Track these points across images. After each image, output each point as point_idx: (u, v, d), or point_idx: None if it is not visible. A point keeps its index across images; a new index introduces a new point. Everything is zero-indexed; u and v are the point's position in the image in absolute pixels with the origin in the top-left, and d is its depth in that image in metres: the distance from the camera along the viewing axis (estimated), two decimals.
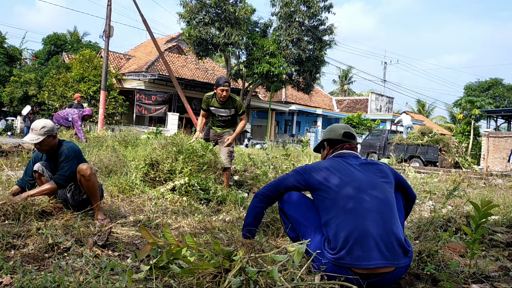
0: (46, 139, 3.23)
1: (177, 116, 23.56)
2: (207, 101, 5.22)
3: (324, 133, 2.63)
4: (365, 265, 1.99)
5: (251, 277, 1.72)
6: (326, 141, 2.57)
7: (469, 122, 27.32)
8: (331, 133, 2.56)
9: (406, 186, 2.47)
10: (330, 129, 2.60)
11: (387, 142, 19.07)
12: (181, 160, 4.38)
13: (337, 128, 2.56)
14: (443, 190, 6.51)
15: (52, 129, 3.26)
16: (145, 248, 2.00)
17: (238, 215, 3.80)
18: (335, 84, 50.27)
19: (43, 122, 3.24)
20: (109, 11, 17.88)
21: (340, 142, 2.50)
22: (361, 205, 2.11)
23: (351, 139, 2.52)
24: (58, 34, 35.62)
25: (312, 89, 24.53)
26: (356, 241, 2.01)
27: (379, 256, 1.99)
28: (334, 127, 2.59)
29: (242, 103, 5.27)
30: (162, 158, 4.47)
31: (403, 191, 2.45)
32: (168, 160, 4.44)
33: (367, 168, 2.30)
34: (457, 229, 3.57)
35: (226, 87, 4.98)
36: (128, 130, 10.14)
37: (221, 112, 5.21)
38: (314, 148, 2.79)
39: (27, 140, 3.20)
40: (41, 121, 3.25)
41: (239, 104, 5.20)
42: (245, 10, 20.46)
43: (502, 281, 2.37)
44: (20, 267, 2.06)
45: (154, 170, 4.49)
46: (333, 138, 2.53)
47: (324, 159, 2.56)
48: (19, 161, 6.25)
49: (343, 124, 2.74)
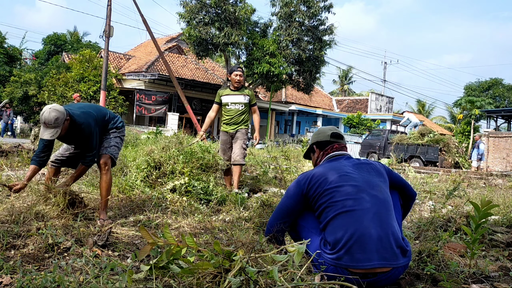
0: (63, 126, 3.09)
1: (177, 116, 23.56)
2: (219, 93, 5.31)
3: (312, 137, 2.64)
4: (362, 266, 1.99)
5: (251, 277, 1.72)
6: (315, 144, 2.57)
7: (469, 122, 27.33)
8: (319, 135, 2.57)
9: (404, 184, 2.45)
10: (318, 132, 2.62)
11: (387, 142, 19.07)
12: (181, 161, 4.39)
13: (324, 130, 2.58)
14: (443, 190, 6.50)
15: (64, 114, 3.06)
16: (145, 248, 2.00)
17: (238, 215, 3.80)
18: (335, 84, 50.31)
19: (53, 113, 3.00)
20: (109, 11, 17.88)
21: (329, 143, 2.51)
22: (359, 206, 2.10)
23: (340, 139, 2.54)
24: (58, 34, 35.63)
25: (312, 89, 24.53)
26: (353, 242, 2.01)
27: (376, 256, 1.99)
28: (321, 129, 2.61)
29: (254, 94, 5.32)
30: (165, 159, 4.48)
31: (400, 189, 2.44)
32: (170, 161, 4.45)
33: (361, 168, 2.30)
34: (457, 229, 3.56)
35: (239, 71, 5.15)
36: (128, 130, 10.14)
37: (234, 99, 5.17)
38: (304, 154, 2.76)
39: (48, 138, 3.02)
40: (51, 113, 3.00)
41: (252, 94, 5.26)
42: (245, 10, 20.46)
43: (502, 281, 2.37)
44: (20, 267, 2.06)
45: (156, 171, 4.50)
46: (321, 140, 2.54)
47: (315, 163, 2.56)
48: (19, 161, 6.25)
49: (328, 126, 2.75)
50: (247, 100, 5.20)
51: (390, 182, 2.35)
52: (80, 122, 3.18)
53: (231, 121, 5.21)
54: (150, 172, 4.49)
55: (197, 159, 4.53)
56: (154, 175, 4.46)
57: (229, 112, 5.21)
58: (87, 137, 3.23)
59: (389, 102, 38.79)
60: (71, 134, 3.23)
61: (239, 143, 5.08)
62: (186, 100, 16.50)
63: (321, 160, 2.50)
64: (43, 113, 2.99)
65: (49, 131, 3.03)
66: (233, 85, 5.18)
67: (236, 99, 5.18)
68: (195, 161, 4.50)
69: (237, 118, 5.19)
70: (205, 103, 27.96)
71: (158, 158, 4.52)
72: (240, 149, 5.04)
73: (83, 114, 3.24)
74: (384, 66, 45.92)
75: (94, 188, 4.34)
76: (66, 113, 3.09)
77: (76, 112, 3.21)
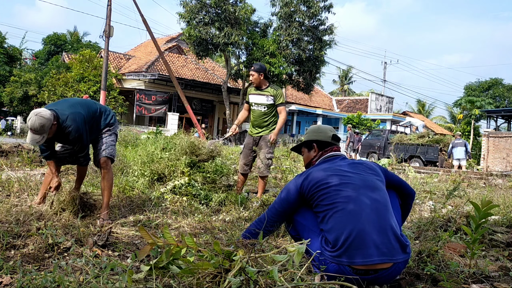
0: (50, 132, 3.10)
1: (177, 116, 23.58)
2: (247, 91, 4.96)
3: (311, 134, 2.58)
4: (362, 262, 2.01)
5: (251, 277, 1.72)
6: (316, 142, 2.55)
7: (469, 122, 27.35)
8: (320, 134, 2.55)
9: (400, 183, 2.46)
10: (318, 130, 2.58)
11: (387, 142, 19.07)
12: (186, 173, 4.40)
13: (326, 130, 2.56)
14: (443, 190, 6.51)
15: (50, 120, 3.07)
16: (144, 248, 2.00)
17: (238, 215, 3.79)
18: (335, 84, 50.30)
19: (39, 121, 3.00)
20: (109, 11, 17.88)
21: (329, 145, 2.51)
22: (357, 204, 2.12)
23: (338, 141, 2.56)
24: (58, 34, 35.66)
25: (312, 89, 24.53)
26: (353, 239, 2.03)
27: (376, 252, 2.02)
28: (322, 129, 2.59)
29: (282, 93, 4.84)
30: (170, 171, 4.49)
31: (397, 188, 2.44)
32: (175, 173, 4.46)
33: (357, 168, 2.31)
34: (457, 229, 3.56)
35: (251, 71, 4.75)
36: (128, 130, 10.14)
37: (257, 99, 4.79)
38: (295, 147, 2.72)
39: (33, 143, 3.06)
40: (36, 120, 2.99)
41: (279, 93, 4.76)
42: (245, 10, 20.47)
43: (502, 281, 2.37)
44: (20, 267, 2.06)
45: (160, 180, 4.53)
46: (323, 140, 2.52)
47: (310, 161, 2.54)
48: (19, 161, 6.26)
49: (327, 125, 2.73)
50: (271, 101, 4.75)
51: (386, 181, 2.36)
52: (67, 125, 3.17)
53: (255, 123, 4.88)
54: (153, 179, 4.53)
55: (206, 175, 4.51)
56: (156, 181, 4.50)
57: (253, 113, 4.88)
58: (76, 138, 3.23)
59: (389, 102, 38.79)
60: (60, 136, 3.26)
61: (263, 154, 4.74)
62: (186, 100, 16.50)
63: (317, 159, 2.50)
64: (29, 120, 3.01)
65: (35, 137, 3.04)
66: (253, 85, 4.85)
67: (258, 99, 4.80)
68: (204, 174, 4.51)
69: (260, 121, 4.82)
70: (205, 103, 27.96)
71: (162, 169, 4.54)
72: (264, 160, 4.75)
73: (71, 115, 3.20)
74: (384, 66, 45.91)
75: (95, 188, 4.34)
76: (53, 118, 3.09)
77: (64, 113, 3.18)
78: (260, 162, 4.74)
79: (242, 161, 4.91)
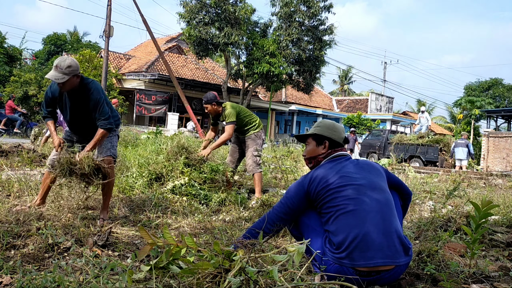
0: (71, 78, 3.07)
1: (177, 116, 23.56)
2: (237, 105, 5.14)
3: (325, 129, 2.50)
4: (366, 264, 2.01)
5: (251, 277, 1.72)
6: (328, 140, 2.49)
7: (469, 122, 27.33)
8: (335, 133, 2.50)
9: (399, 183, 2.47)
10: (334, 128, 2.52)
11: (387, 142, 19.06)
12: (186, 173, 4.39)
13: (340, 130, 2.53)
14: (443, 190, 6.50)
15: (77, 68, 3.06)
16: (144, 248, 2.00)
17: (238, 215, 3.79)
18: (335, 84, 50.29)
19: (69, 60, 3.01)
20: (109, 11, 17.89)
21: (340, 146, 2.50)
22: (362, 205, 2.12)
23: (346, 143, 2.57)
24: (58, 34, 35.64)
25: (312, 89, 24.53)
26: (358, 241, 2.03)
27: (379, 254, 2.02)
28: (338, 128, 2.54)
29: (230, 112, 4.86)
30: (167, 171, 4.48)
31: (397, 189, 2.45)
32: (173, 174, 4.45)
33: (363, 168, 2.31)
34: (457, 229, 3.56)
35: (204, 104, 4.89)
36: (128, 130, 10.15)
37: (223, 124, 5.02)
38: (300, 135, 2.63)
39: (51, 78, 2.97)
40: (67, 59, 3.02)
41: (227, 113, 4.89)
42: (245, 10, 20.46)
43: (502, 281, 2.37)
44: (20, 267, 2.06)
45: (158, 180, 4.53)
46: (336, 140, 2.49)
47: (317, 156, 2.48)
48: (19, 161, 6.25)
49: (341, 125, 2.72)
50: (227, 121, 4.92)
51: (388, 182, 2.37)
52: (90, 87, 3.18)
53: (236, 132, 5.11)
54: (151, 180, 4.52)
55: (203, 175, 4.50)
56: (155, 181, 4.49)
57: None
58: (96, 101, 3.17)
59: (389, 102, 38.79)
60: (79, 97, 3.19)
61: (250, 152, 4.95)
62: (186, 100, 16.50)
63: (325, 157, 2.46)
64: (59, 57, 3.04)
65: (57, 75, 2.99)
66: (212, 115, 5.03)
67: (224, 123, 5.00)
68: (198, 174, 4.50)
69: (239, 130, 5.06)
70: None
71: (160, 170, 4.53)
72: (251, 158, 4.92)
73: (95, 82, 3.24)
74: (384, 66, 45.92)
75: (95, 188, 4.34)
76: (79, 73, 3.10)
77: (89, 79, 3.24)
78: (249, 160, 4.97)
79: (229, 158, 5.28)
